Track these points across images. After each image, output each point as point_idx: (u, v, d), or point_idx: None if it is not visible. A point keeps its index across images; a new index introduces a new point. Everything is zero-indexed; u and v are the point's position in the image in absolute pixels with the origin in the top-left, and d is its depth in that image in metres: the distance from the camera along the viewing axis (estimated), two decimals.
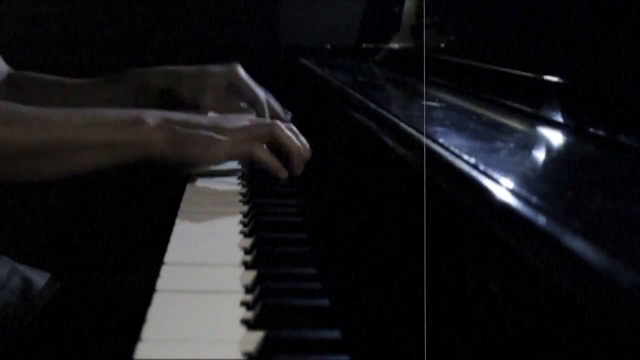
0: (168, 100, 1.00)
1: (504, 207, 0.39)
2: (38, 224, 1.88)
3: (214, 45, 1.82)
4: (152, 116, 0.77)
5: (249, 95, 1.00)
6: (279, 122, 0.81)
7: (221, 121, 0.80)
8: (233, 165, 0.91)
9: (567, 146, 0.63)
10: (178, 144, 0.76)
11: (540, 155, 0.58)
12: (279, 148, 0.80)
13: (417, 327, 0.48)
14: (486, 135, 0.63)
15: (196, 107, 0.98)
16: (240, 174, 0.89)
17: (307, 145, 0.82)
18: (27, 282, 0.92)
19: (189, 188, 0.81)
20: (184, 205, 0.75)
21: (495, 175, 0.43)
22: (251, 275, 0.55)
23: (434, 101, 0.87)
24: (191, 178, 0.85)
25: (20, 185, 1.83)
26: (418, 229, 0.53)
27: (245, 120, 0.82)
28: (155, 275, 0.54)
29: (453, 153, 0.49)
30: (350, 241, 0.67)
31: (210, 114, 0.93)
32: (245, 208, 0.74)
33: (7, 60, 1.14)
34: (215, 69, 1.01)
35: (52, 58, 1.94)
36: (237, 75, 1.00)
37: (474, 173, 0.44)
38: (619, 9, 0.67)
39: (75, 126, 0.74)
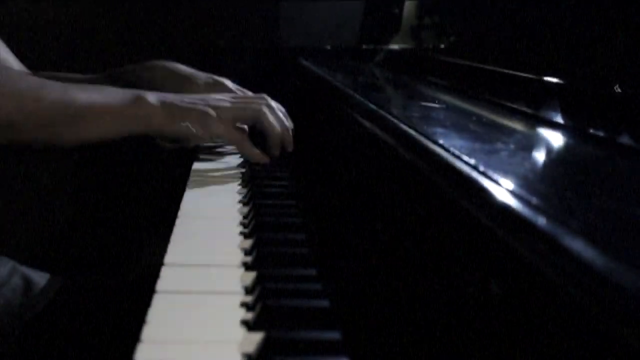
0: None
1: (504, 208, 0.39)
2: (38, 224, 1.89)
3: (214, 45, 1.82)
4: (151, 95, 0.85)
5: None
6: (265, 107, 0.89)
7: (213, 100, 0.88)
8: (235, 160, 0.91)
9: (567, 147, 0.63)
10: (175, 117, 0.84)
11: (540, 156, 0.58)
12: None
13: (417, 328, 0.48)
14: (486, 136, 0.63)
15: None
16: (240, 175, 0.89)
17: (289, 126, 0.92)
18: (27, 282, 0.92)
19: (189, 189, 0.81)
20: (184, 206, 0.75)
21: (495, 176, 0.43)
22: (251, 276, 0.55)
23: (434, 102, 0.87)
24: (191, 179, 0.85)
25: (20, 185, 1.84)
26: (418, 229, 0.53)
27: (235, 98, 0.90)
28: (155, 275, 0.54)
29: (453, 154, 0.49)
30: (351, 242, 0.67)
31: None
32: (245, 209, 0.74)
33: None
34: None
35: (51, 58, 1.94)
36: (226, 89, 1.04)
37: (474, 174, 0.44)
38: (618, 9, 0.67)
39: (92, 97, 0.83)
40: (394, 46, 1.50)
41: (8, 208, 1.81)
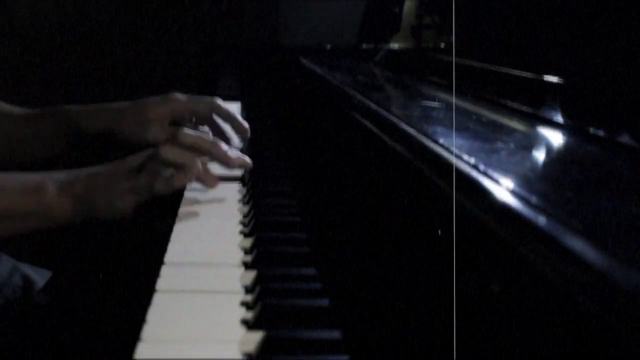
0: (108, 139, 0.97)
1: (504, 207, 0.39)
2: None
3: (214, 45, 1.82)
4: (54, 182, 0.75)
5: (196, 115, 0.98)
6: (161, 148, 0.74)
7: (119, 176, 0.76)
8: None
9: (567, 146, 0.63)
10: (77, 207, 0.75)
11: (540, 155, 0.58)
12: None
13: (417, 328, 0.48)
14: (486, 136, 0.63)
15: (139, 143, 0.93)
16: (240, 174, 0.89)
17: (206, 139, 0.76)
18: (28, 281, 0.92)
19: (189, 188, 0.81)
20: (183, 206, 0.75)
21: (495, 175, 0.43)
22: (251, 275, 0.55)
23: (434, 101, 0.87)
24: None
25: None
26: (418, 229, 0.53)
27: (145, 160, 0.76)
28: (155, 275, 0.54)
29: (453, 153, 0.49)
30: (350, 241, 0.67)
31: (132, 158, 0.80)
32: (246, 208, 0.74)
33: (7, 59, 1.14)
34: (154, 100, 0.99)
35: (51, 58, 1.94)
36: (178, 102, 0.96)
37: (474, 173, 0.44)
38: (619, 9, 0.67)
39: None
40: (394, 46, 1.50)
41: None
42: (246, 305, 0.50)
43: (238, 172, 0.86)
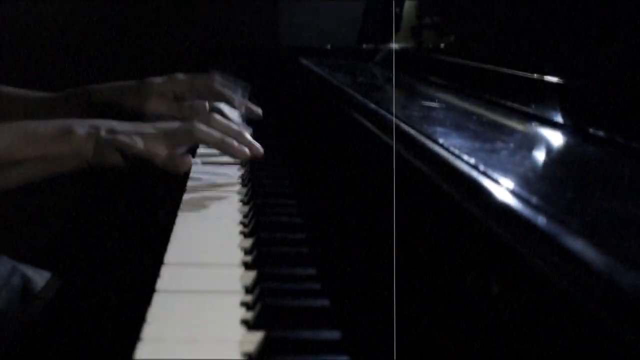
0: (115, 112, 1.01)
1: (504, 208, 0.39)
2: (38, 224, 1.89)
3: (214, 45, 1.82)
4: (81, 125, 0.80)
5: (195, 92, 1.02)
6: (197, 122, 0.81)
7: (145, 127, 0.82)
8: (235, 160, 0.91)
9: (567, 147, 0.63)
10: (102, 150, 0.79)
11: (540, 155, 0.58)
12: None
13: (417, 328, 0.48)
14: (486, 136, 0.63)
15: (142, 117, 1.00)
16: (240, 174, 0.89)
17: (235, 130, 0.83)
18: (27, 282, 0.92)
19: (189, 189, 0.81)
20: (184, 206, 0.75)
21: (495, 175, 0.43)
22: (251, 275, 0.55)
23: (434, 102, 0.87)
24: (192, 178, 0.85)
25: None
26: (418, 229, 0.53)
27: (172, 125, 0.83)
28: (155, 275, 0.54)
29: (453, 153, 0.49)
30: (350, 241, 0.67)
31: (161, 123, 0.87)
32: (245, 208, 0.74)
33: (7, 61, 1.14)
34: (155, 79, 1.04)
35: (51, 58, 1.94)
36: (177, 80, 1.02)
37: (474, 173, 0.44)
38: (619, 9, 0.67)
39: (6, 142, 0.77)
40: (394, 46, 1.50)
41: (8, 208, 1.81)
42: (246, 305, 0.50)
43: (239, 169, 0.89)
